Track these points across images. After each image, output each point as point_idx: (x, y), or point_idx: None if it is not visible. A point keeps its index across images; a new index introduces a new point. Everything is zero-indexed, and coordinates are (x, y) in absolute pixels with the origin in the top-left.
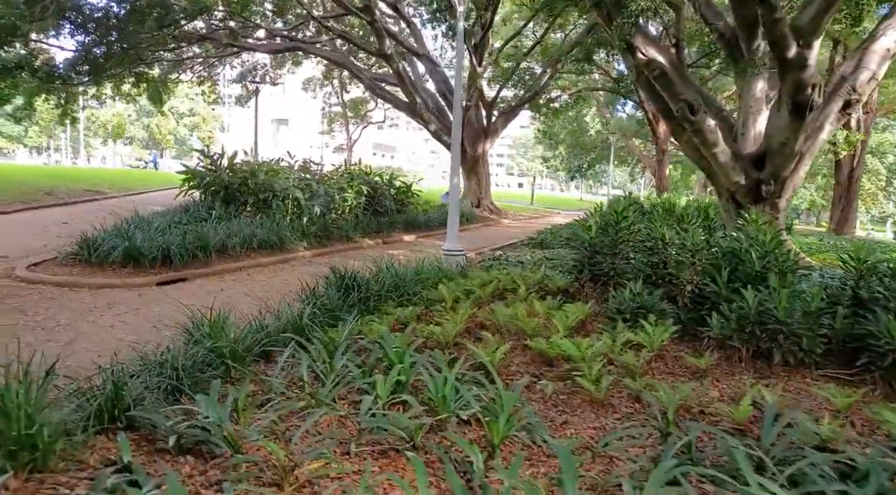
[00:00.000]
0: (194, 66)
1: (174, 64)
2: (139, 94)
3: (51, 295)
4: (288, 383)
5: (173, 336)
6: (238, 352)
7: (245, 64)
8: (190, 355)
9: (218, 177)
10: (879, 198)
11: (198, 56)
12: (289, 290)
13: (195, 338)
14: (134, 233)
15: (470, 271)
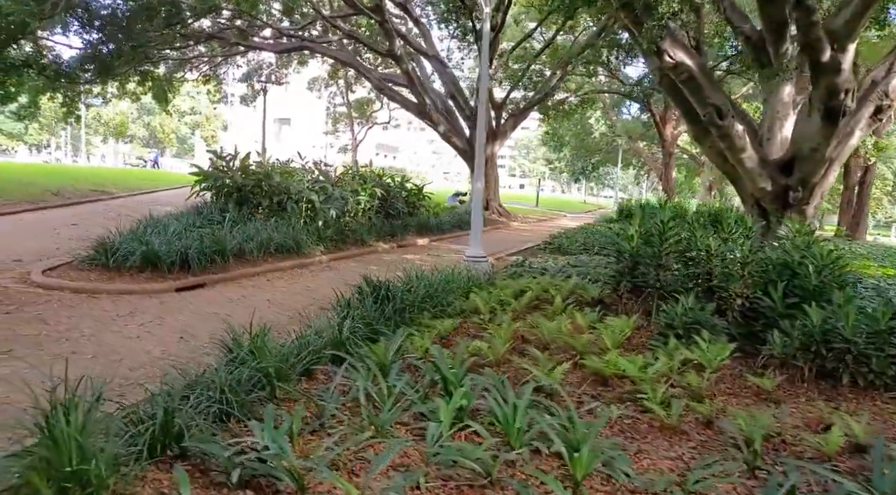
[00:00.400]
0: (200, 64)
1: (179, 63)
2: (144, 92)
3: (70, 302)
4: (340, 405)
5: (202, 348)
6: (284, 371)
7: (250, 63)
8: (235, 374)
9: (231, 178)
10: (884, 202)
11: (203, 55)
12: (313, 298)
13: (238, 356)
14: (151, 237)
15: (496, 278)
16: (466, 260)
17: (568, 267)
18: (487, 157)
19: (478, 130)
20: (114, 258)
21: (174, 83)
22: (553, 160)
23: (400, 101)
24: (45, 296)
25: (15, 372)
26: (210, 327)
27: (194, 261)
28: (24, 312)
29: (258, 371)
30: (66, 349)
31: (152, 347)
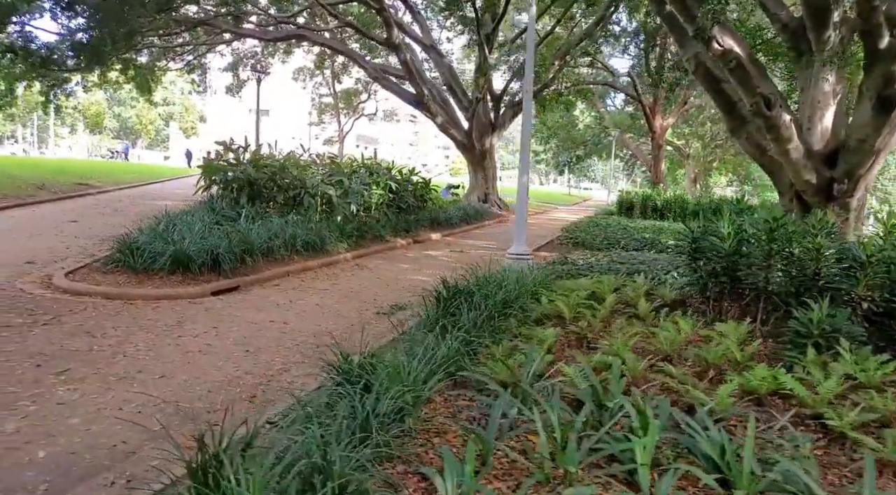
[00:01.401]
0: (183, 54)
1: (162, 51)
2: (127, 81)
3: (108, 310)
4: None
5: (272, 363)
6: (421, 398)
7: (235, 52)
8: (369, 403)
9: (243, 171)
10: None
11: (187, 43)
12: (362, 301)
13: (350, 378)
14: (175, 236)
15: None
16: (509, 257)
17: (614, 263)
18: (486, 149)
19: (524, 116)
20: (142, 259)
21: (156, 72)
22: (539, 152)
23: (397, 92)
24: (78, 304)
25: (85, 397)
26: (272, 337)
27: (226, 261)
28: (63, 323)
29: (394, 399)
30: (129, 367)
31: (221, 363)
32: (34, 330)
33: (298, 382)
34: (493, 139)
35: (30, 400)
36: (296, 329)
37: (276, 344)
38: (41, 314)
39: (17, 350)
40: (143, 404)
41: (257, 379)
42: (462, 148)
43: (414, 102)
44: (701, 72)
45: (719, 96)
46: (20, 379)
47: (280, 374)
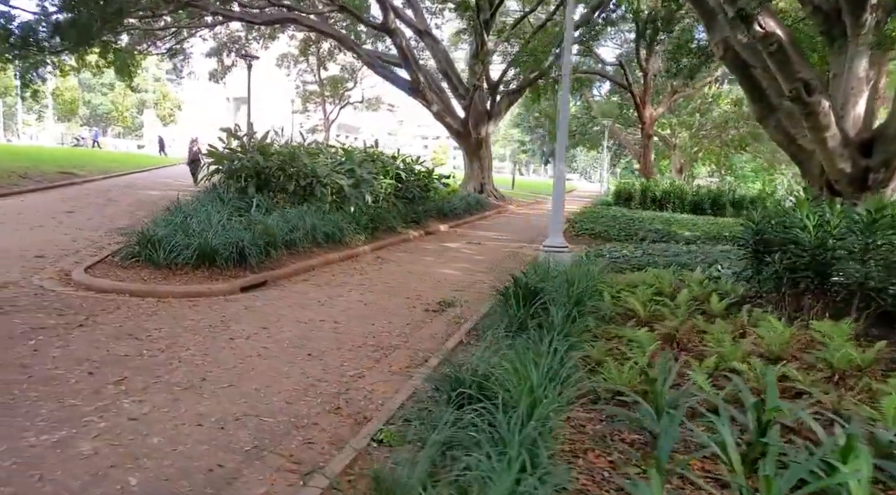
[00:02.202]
0: (165, 37)
1: (143, 34)
2: (107, 65)
3: (142, 308)
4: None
5: (344, 368)
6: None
7: (218, 37)
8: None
9: (250, 160)
10: None
11: (169, 27)
12: (405, 297)
13: (466, 391)
14: (201, 229)
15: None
16: (545, 249)
17: (650, 256)
18: (482, 138)
19: (561, 102)
20: (164, 253)
21: (136, 57)
22: (525, 142)
23: (391, 79)
24: (108, 302)
25: (157, 411)
26: (328, 338)
27: (252, 255)
28: (101, 324)
29: (540, 420)
30: (190, 375)
31: (287, 368)
32: (72, 332)
33: (379, 391)
34: (489, 128)
35: (96, 414)
36: (349, 329)
37: (336, 345)
38: (73, 314)
39: (62, 355)
40: (222, 419)
41: (333, 387)
42: (457, 137)
43: (409, 90)
44: (729, 57)
45: (748, 82)
46: (77, 390)
47: (355, 381)
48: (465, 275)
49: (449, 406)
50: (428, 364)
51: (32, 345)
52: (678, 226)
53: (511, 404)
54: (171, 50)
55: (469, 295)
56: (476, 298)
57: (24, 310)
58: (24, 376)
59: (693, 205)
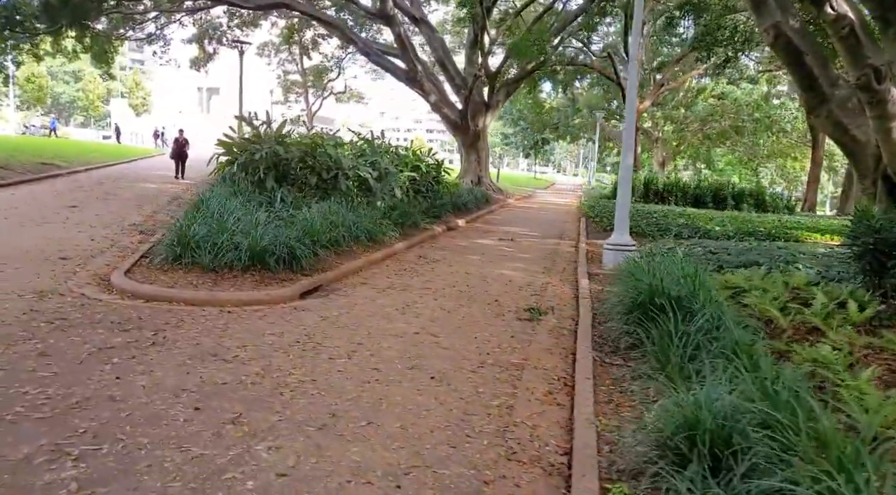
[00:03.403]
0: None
1: (122, 19)
2: (84, 50)
3: (208, 320)
4: None
5: (484, 400)
6: None
7: (198, 23)
8: None
9: (270, 149)
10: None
11: (148, 10)
12: (484, 302)
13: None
14: (245, 227)
15: None
16: (608, 247)
17: (715, 254)
18: (480, 130)
19: (628, 88)
20: (211, 255)
21: (114, 42)
22: (509, 134)
23: (388, 68)
24: (166, 312)
25: (304, 463)
26: (438, 356)
27: (304, 256)
28: (173, 342)
29: None
30: (312, 409)
31: (418, 397)
32: (147, 353)
33: (542, 428)
34: (487, 119)
35: (235, 469)
36: (453, 344)
37: (453, 365)
38: (136, 329)
39: (151, 384)
40: (390, 472)
41: (487, 422)
42: (455, 128)
43: (406, 79)
44: (780, 43)
45: (799, 70)
46: (193, 433)
47: (506, 414)
48: (527, 277)
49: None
50: (582, 396)
51: (110, 371)
52: (703, 221)
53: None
54: (151, 36)
55: (549, 300)
56: (559, 303)
57: (77, 324)
58: (121, 414)
59: (695, 199)
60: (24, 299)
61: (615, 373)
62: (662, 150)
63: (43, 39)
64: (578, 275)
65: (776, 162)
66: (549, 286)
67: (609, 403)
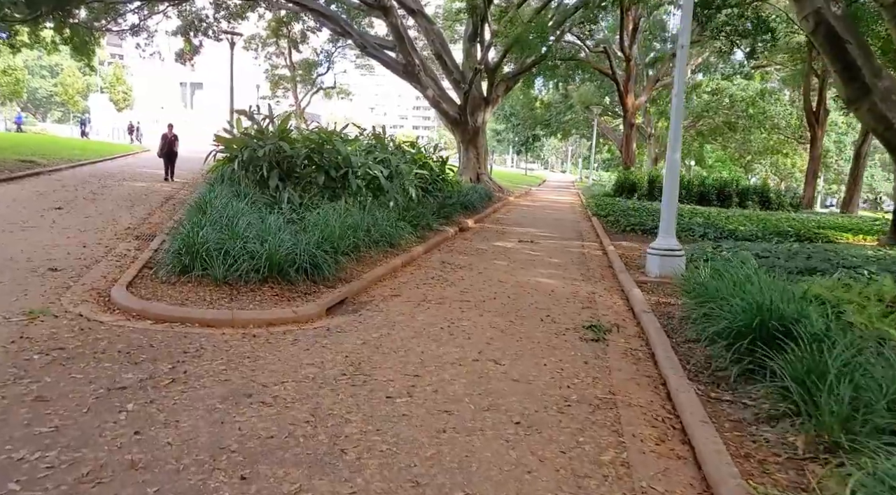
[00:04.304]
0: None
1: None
2: (63, 41)
3: (230, 346)
4: None
5: (615, 459)
6: None
7: (184, 14)
8: None
9: (274, 146)
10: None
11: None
12: (537, 318)
13: None
14: (258, 233)
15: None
16: (653, 252)
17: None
18: (478, 126)
19: (677, 78)
20: (225, 265)
21: (95, 34)
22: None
23: (384, 62)
24: (182, 338)
25: None
26: (513, 392)
27: (326, 265)
28: (197, 378)
29: None
30: (390, 478)
31: (514, 453)
32: (168, 395)
33: None
34: (486, 115)
35: None
36: (525, 374)
37: (536, 405)
38: (149, 361)
39: (180, 441)
40: None
41: (610, 487)
42: (454, 124)
43: (402, 73)
44: (821, 31)
45: (841, 60)
46: None
47: (625, 479)
48: (567, 285)
49: None
50: (708, 448)
51: (126, 423)
52: (721, 220)
53: None
54: (134, 27)
55: (604, 313)
56: (617, 318)
57: (78, 356)
58: (148, 489)
59: (700, 196)
60: (12, 323)
61: (731, 413)
62: (656, 147)
63: (20, 30)
64: (623, 283)
65: (769, 158)
66: (595, 296)
67: (747, 459)
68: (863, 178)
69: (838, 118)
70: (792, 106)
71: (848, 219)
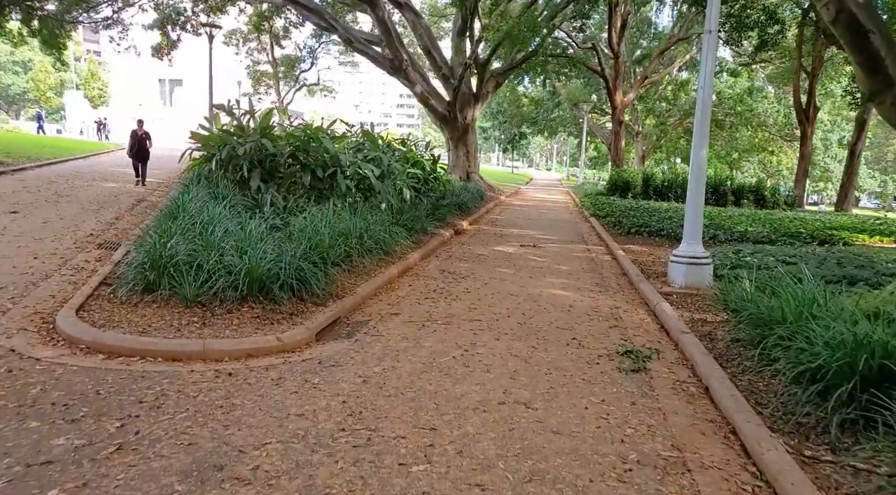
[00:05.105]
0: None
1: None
2: (31, 34)
3: (199, 390)
4: None
5: None
6: None
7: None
8: None
9: (255, 144)
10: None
11: None
12: (565, 343)
13: None
14: (236, 243)
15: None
16: (677, 260)
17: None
18: (468, 123)
19: (704, 75)
20: (197, 283)
21: (66, 26)
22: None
23: (371, 57)
24: (140, 380)
25: None
26: (554, 450)
27: (316, 281)
28: (154, 441)
29: None
30: None
31: None
32: (110, 469)
33: None
34: (475, 112)
35: None
36: (566, 423)
37: (587, 470)
38: (89, 417)
39: None
40: None
41: None
42: (443, 121)
43: (390, 69)
44: (843, 20)
45: (863, 51)
46: None
47: None
48: (583, 297)
49: None
50: None
51: None
52: (728, 221)
53: None
54: (108, 20)
55: (634, 333)
56: (650, 340)
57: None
58: None
59: None
60: None
61: (840, 481)
62: (643, 145)
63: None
64: (646, 296)
65: (756, 156)
66: (620, 312)
67: None
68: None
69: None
70: (779, 103)
71: (851, 218)
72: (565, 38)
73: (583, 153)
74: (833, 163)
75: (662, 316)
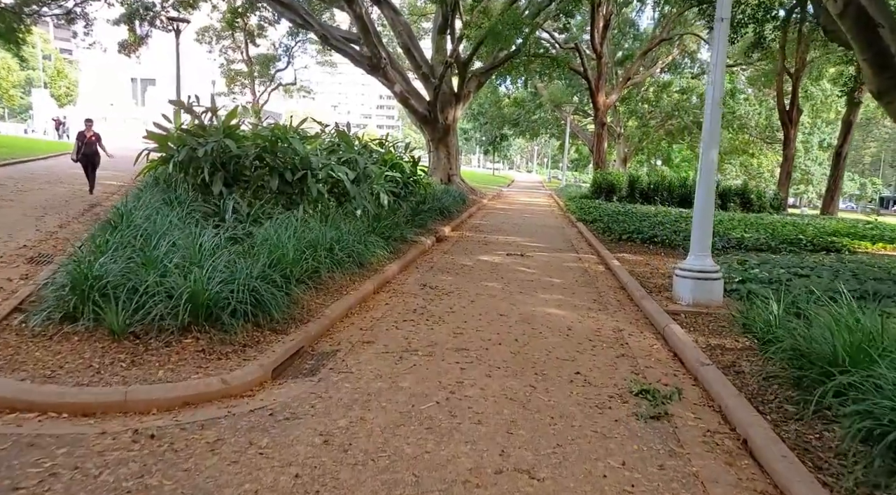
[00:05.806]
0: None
1: None
2: None
3: (105, 462)
4: None
5: None
6: None
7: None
8: None
9: (217, 145)
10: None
11: None
12: (568, 380)
13: None
14: (182, 259)
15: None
16: (684, 274)
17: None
18: (449, 124)
19: (715, 68)
20: (129, 310)
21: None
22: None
23: (350, 55)
24: (25, 446)
25: None
26: None
27: (273, 305)
28: None
29: None
30: None
31: None
32: None
33: None
34: (457, 112)
35: None
36: None
37: None
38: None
39: None
40: None
41: None
42: (423, 121)
43: (368, 68)
44: (851, 13)
45: (872, 46)
46: None
47: None
48: (582, 318)
49: None
50: None
51: None
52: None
53: None
54: (70, 13)
55: (644, 363)
56: (665, 373)
57: None
58: None
59: (681, 199)
60: None
61: None
62: (625, 147)
63: None
64: (651, 315)
65: (739, 158)
66: (625, 336)
67: None
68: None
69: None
70: (760, 105)
71: (842, 222)
72: (548, 38)
73: (565, 155)
74: (814, 166)
75: (674, 340)
